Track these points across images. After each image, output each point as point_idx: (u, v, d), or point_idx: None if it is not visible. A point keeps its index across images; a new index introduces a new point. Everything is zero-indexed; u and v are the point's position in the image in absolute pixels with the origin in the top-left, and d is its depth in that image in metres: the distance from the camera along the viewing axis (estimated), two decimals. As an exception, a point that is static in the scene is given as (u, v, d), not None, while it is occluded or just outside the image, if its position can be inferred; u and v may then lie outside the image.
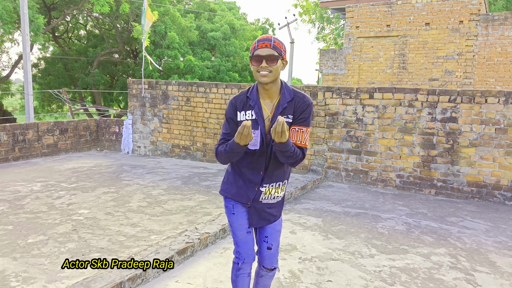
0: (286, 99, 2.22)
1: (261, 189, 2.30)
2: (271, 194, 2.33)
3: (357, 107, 6.69)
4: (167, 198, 5.43)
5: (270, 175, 2.29)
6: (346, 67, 13.11)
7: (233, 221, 2.38)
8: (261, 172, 2.27)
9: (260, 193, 2.30)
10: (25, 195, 5.37)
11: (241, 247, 2.37)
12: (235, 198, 2.36)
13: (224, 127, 2.32)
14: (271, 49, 2.11)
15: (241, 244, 2.37)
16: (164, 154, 8.60)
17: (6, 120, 18.29)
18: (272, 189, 2.32)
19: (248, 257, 2.38)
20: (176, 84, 8.41)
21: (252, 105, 2.23)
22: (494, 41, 11.00)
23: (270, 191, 2.32)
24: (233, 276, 2.46)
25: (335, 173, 6.94)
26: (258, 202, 2.33)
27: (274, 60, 2.11)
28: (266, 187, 2.30)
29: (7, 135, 7.50)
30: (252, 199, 2.31)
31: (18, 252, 3.56)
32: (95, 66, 21.08)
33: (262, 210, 2.35)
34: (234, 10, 25.55)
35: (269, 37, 2.16)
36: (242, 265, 2.39)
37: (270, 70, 2.11)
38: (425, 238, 4.34)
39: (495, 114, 5.84)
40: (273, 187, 2.32)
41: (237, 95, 2.31)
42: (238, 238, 2.38)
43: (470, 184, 6.04)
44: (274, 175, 2.30)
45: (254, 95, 2.24)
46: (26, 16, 11.83)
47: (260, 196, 2.31)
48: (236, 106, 2.26)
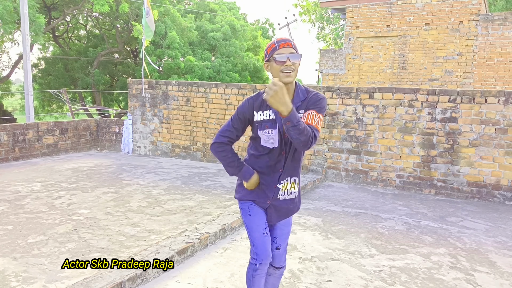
0: (300, 98, 2.28)
1: (279, 186, 2.35)
2: (287, 190, 2.38)
3: (357, 107, 6.69)
4: (167, 198, 5.43)
5: (286, 172, 2.35)
6: (346, 67, 13.10)
7: (250, 222, 2.39)
8: (280, 169, 2.33)
9: (278, 190, 2.35)
10: (25, 195, 5.37)
11: (259, 248, 2.36)
12: (254, 199, 2.39)
13: (231, 121, 2.36)
14: (292, 48, 2.19)
15: (259, 245, 2.37)
16: (164, 154, 8.61)
17: (6, 120, 18.29)
18: (288, 184, 2.38)
19: (266, 258, 2.37)
20: (176, 84, 8.42)
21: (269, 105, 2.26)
22: (494, 41, 11.00)
23: (286, 186, 2.38)
24: (250, 276, 2.45)
25: (335, 173, 6.94)
26: (276, 200, 2.38)
27: (297, 59, 2.19)
28: (282, 183, 2.35)
29: (7, 135, 7.51)
30: (271, 197, 2.36)
31: (18, 252, 3.56)
32: (95, 66, 21.08)
33: (281, 207, 2.40)
34: (234, 10, 25.54)
35: (287, 38, 2.23)
36: (259, 266, 2.38)
37: (293, 69, 2.18)
38: (425, 238, 4.34)
39: (495, 114, 5.85)
40: (289, 182, 2.38)
41: (254, 95, 2.35)
42: (255, 239, 2.38)
43: (470, 184, 6.04)
44: (290, 170, 2.36)
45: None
46: (26, 16, 11.83)
47: (278, 193, 2.36)
48: (254, 106, 2.31)
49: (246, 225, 2.42)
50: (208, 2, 25.26)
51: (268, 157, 2.33)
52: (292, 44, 2.19)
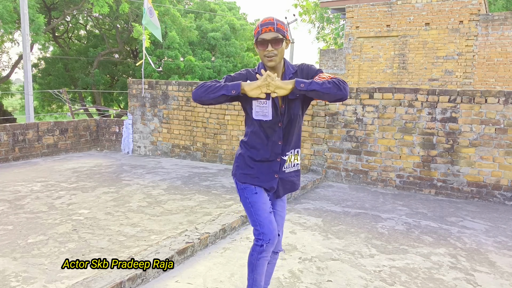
0: (290, 71, 2.32)
1: (284, 158, 2.36)
2: (291, 162, 2.40)
3: (357, 107, 6.69)
4: (167, 198, 5.43)
5: (288, 143, 2.36)
6: (346, 67, 13.10)
7: (256, 201, 2.34)
8: (280, 142, 2.33)
9: (284, 162, 2.36)
10: (25, 195, 5.37)
11: (266, 227, 2.32)
12: (256, 182, 2.35)
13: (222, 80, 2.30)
14: (275, 32, 2.18)
15: (266, 224, 2.32)
16: (164, 154, 8.61)
17: (6, 120, 18.29)
18: (292, 156, 2.39)
19: (274, 237, 2.33)
20: (176, 84, 8.42)
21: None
22: (494, 41, 11.00)
23: (290, 158, 2.38)
24: (253, 259, 2.39)
25: (335, 173, 6.94)
26: (283, 172, 2.38)
27: (279, 43, 2.19)
28: (288, 155, 2.37)
29: (7, 135, 7.51)
30: (278, 171, 2.36)
31: (18, 252, 3.57)
32: (95, 66, 21.08)
33: (287, 179, 2.41)
34: (234, 10, 25.54)
35: (271, 19, 2.21)
36: (266, 247, 2.33)
37: (275, 53, 2.19)
38: (425, 238, 4.34)
39: (495, 114, 5.85)
40: (292, 153, 2.39)
41: (247, 69, 2.37)
42: (261, 218, 2.33)
43: (470, 184, 6.04)
44: (291, 142, 2.37)
45: (261, 72, 2.31)
46: (26, 16, 11.84)
47: (283, 166, 2.36)
48: (247, 77, 2.32)
49: (251, 205, 2.36)
50: (208, 2, 25.26)
51: (264, 129, 2.30)
52: (274, 28, 2.17)
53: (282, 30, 2.19)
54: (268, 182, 2.36)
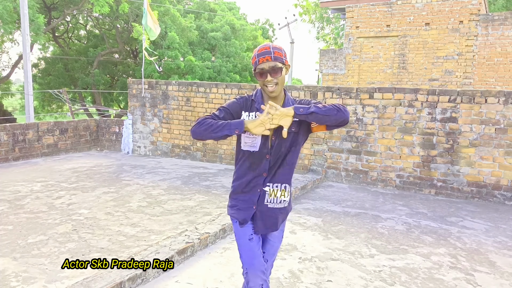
0: (291, 99, 2.26)
1: (264, 189, 2.22)
2: (276, 197, 2.23)
3: (357, 107, 6.69)
4: (167, 198, 5.43)
5: (274, 176, 2.22)
6: (346, 67, 13.10)
7: (237, 230, 2.28)
8: (264, 173, 2.21)
9: (265, 193, 2.22)
10: (25, 195, 5.37)
11: (243, 255, 2.23)
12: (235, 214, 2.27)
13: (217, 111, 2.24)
14: (272, 61, 2.10)
15: (243, 251, 2.24)
16: (164, 154, 8.61)
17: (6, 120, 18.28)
18: (277, 192, 2.23)
19: (251, 266, 2.19)
20: (176, 84, 8.42)
21: (257, 107, 2.23)
22: (494, 41, 10.99)
23: (275, 193, 2.23)
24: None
25: (335, 173, 6.94)
26: (263, 205, 2.23)
27: (278, 72, 2.11)
28: (269, 186, 2.22)
29: (7, 135, 7.51)
30: (257, 201, 2.23)
31: (18, 252, 3.56)
32: (95, 66, 21.08)
33: (269, 215, 2.24)
34: (234, 10, 25.54)
35: (267, 48, 2.13)
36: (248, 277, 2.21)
37: (276, 82, 2.12)
38: (425, 238, 4.34)
39: (495, 114, 5.85)
40: (278, 188, 2.23)
41: (245, 96, 2.30)
42: (240, 246, 2.26)
43: (470, 184, 6.04)
44: (278, 175, 2.23)
45: (259, 99, 2.25)
46: (26, 16, 11.84)
47: (264, 198, 2.23)
48: (242, 105, 2.25)
49: (235, 234, 2.30)
50: (208, 2, 25.26)
51: (250, 160, 2.22)
52: (271, 57, 2.09)
53: (280, 57, 2.11)
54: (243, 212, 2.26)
